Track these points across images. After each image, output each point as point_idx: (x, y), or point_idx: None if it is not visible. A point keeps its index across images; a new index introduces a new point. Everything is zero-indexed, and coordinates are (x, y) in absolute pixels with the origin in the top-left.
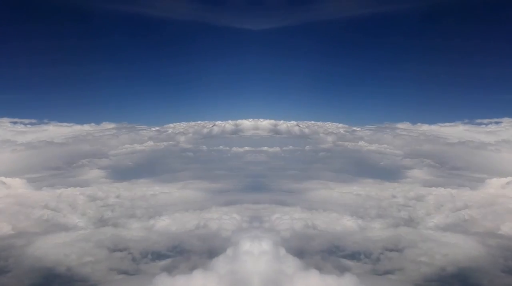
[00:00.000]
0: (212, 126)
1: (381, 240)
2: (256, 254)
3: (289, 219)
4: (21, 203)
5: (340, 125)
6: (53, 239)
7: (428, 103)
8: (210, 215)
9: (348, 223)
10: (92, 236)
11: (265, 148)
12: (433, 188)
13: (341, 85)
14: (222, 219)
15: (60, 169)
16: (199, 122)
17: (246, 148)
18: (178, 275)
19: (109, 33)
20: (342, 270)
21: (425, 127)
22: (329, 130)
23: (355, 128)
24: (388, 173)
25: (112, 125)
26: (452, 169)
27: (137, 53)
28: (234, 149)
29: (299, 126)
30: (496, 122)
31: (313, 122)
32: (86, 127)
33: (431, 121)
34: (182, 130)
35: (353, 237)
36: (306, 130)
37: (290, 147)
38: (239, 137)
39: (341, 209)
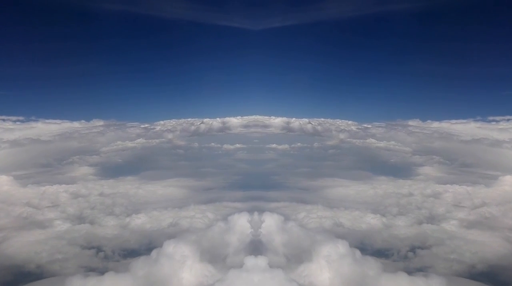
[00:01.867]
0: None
1: (408, 237)
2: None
3: (317, 217)
4: (4, 200)
5: (350, 122)
6: (27, 236)
7: (438, 101)
8: (186, 213)
9: (372, 220)
10: (66, 233)
11: (274, 145)
12: (448, 185)
13: (349, 83)
14: (195, 217)
15: (50, 166)
16: (189, 119)
17: (238, 145)
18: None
19: (101, 31)
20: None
21: (435, 124)
22: (341, 127)
23: (365, 125)
24: (399, 170)
25: (102, 122)
26: (462, 166)
27: (131, 51)
28: (225, 146)
29: (311, 123)
30: (508, 120)
31: (323, 119)
32: (76, 125)
33: (440, 119)
34: (171, 127)
35: (380, 235)
36: (319, 127)
37: (299, 144)
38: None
39: (362, 206)
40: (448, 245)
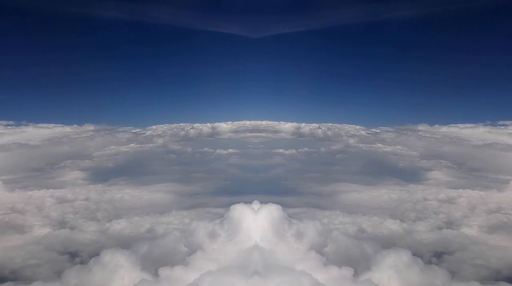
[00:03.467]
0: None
1: (431, 243)
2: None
3: (340, 223)
4: None
5: (358, 127)
6: (4, 242)
7: (445, 105)
8: (166, 219)
9: (392, 226)
10: (45, 238)
11: (281, 150)
12: (461, 190)
13: (356, 88)
14: (172, 223)
15: (41, 170)
16: (181, 124)
17: (230, 150)
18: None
19: (94, 37)
20: None
21: (444, 129)
22: (351, 132)
23: (374, 130)
24: (408, 174)
25: (95, 127)
26: (470, 170)
27: (126, 57)
28: (218, 151)
29: (321, 128)
30: None
31: (330, 124)
32: (68, 129)
33: (448, 123)
34: (161, 132)
35: (403, 240)
36: (329, 132)
37: (306, 148)
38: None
39: (379, 212)
40: (472, 250)
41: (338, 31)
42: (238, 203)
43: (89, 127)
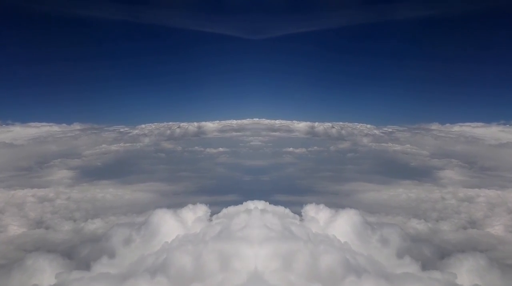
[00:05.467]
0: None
1: (459, 242)
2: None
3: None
4: None
5: (369, 126)
6: None
7: (457, 104)
8: (141, 219)
9: (418, 226)
10: (18, 238)
11: (291, 149)
12: (476, 189)
13: (366, 87)
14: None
15: (29, 169)
16: (170, 123)
17: (220, 149)
18: None
19: (84, 37)
20: None
21: (456, 128)
22: (364, 131)
23: (386, 129)
24: (420, 173)
25: (83, 126)
26: (482, 169)
27: (118, 56)
28: (208, 149)
29: (335, 127)
30: None
31: (341, 123)
32: (56, 129)
33: (458, 122)
34: (148, 130)
35: (431, 240)
36: (343, 131)
37: (315, 147)
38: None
39: (400, 211)
40: (502, 250)
41: (348, 30)
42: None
43: (78, 126)
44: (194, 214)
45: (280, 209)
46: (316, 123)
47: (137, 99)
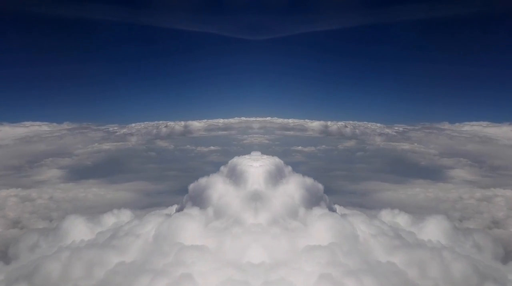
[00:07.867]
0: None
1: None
2: None
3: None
4: None
5: (379, 125)
6: None
7: (466, 104)
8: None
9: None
10: None
11: (300, 148)
12: (492, 189)
13: (376, 87)
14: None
15: (19, 169)
16: (160, 122)
17: (212, 147)
18: None
19: (79, 38)
20: None
21: (466, 127)
22: (377, 130)
23: (396, 128)
24: (432, 172)
25: (74, 125)
26: (492, 168)
27: (113, 57)
28: (199, 148)
29: (347, 127)
30: None
31: (351, 122)
32: (45, 128)
33: (467, 121)
34: (136, 130)
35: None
36: (357, 131)
37: (324, 146)
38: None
39: (422, 211)
40: None
41: (360, 31)
42: None
43: (69, 125)
44: (115, 219)
45: None
46: (329, 122)
47: (130, 99)
